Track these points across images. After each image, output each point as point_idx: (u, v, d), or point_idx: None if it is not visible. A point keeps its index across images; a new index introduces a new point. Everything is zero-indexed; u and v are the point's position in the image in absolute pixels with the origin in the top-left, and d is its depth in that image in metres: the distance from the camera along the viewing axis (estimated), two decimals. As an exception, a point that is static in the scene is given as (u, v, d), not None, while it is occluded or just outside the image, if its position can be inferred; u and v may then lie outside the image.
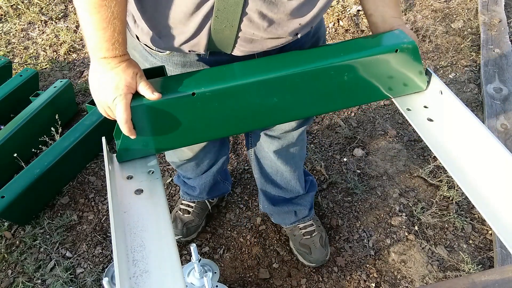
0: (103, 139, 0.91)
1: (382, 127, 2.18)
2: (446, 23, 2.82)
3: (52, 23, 2.91)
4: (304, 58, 0.94)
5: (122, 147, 0.89)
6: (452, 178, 1.83)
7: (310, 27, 0.95)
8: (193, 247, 1.18)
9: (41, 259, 1.67)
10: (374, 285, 1.59)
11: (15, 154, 1.84)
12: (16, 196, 1.67)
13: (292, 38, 0.94)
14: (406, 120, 1.33)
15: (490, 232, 1.73)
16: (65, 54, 2.67)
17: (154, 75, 0.91)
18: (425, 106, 1.02)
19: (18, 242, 1.73)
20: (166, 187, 1.95)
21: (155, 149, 0.92)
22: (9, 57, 2.65)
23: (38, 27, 2.89)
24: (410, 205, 1.83)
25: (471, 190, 0.82)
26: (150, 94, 0.82)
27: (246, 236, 1.75)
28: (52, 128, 1.97)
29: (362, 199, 1.86)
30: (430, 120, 0.98)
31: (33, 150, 1.98)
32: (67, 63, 2.61)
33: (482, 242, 1.70)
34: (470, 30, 2.75)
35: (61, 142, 1.88)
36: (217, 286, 1.34)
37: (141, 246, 0.75)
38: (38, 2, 3.05)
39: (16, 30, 2.86)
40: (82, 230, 1.77)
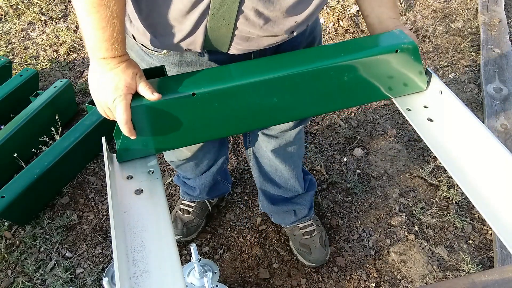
0: (103, 139, 0.91)
1: (382, 127, 2.18)
2: (446, 23, 2.82)
3: (52, 23, 2.91)
4: (304, 58, 0.94)
5: (122, 147, 0.89)
6: (452, 178, 1.83)
7: (306, 25, 0.96)
8: (193, 247, 1.18)
9: (41, 259, 1.67)
10: (374, 285, 1.59)
11: (15, 154, 1.84)
12: (16, 196, 1.67)
13: (288, 36, 0.94)
14: (406, 120, 1.33)
15: (490, 232, 1.73)
16: (65, 54, 2.67)
17: (154, 75, 0.91)
18: (425, 106, 1.02)
19: (18, 242, 1.73)
20: (166, 187, 1.95)
21: (155, 149, 0.92)
22: (9, 57, 2.65)
23: (38, 27, 2.89)
24: (410, 205, 1.83)
25: (471, 190, 0.82)
26: (150, 94, 0.82)
27: (246, 236, 1.75)
28: (52, 128, 1.97)
29: (362, 199, 1.86)
30: (430, 120, 0.98)
31: (33, 150, 1.98)
32: (67, 63, 2.61)
33: (482, 242, 1.70)
34: (470, 30, 2.75)
35: (61, 142, 1.88)
36: (217, 286, 1.34)
37: (141, 246, 0.75)
38: (38, 2, 3.05)
39: (16, 30, 2.86)
40: (82, 230, 1.77)
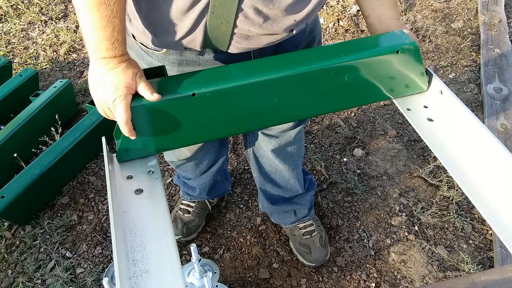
0: (103, 139, 0.91)
1: (382, 127, 2.18)
2: (446, 23, 2.82)
3: (52, 23, 2.91)
4: (304, 59, 0.94)
5: (122, 147, 0.89)
6: (452, 178, 1.83)
7: (305, 24, 0.96)
8: (193, 247, 1.18)
9: (41, 259, 1.67)
10: (374, 285, 1.59)
11: (15, 154, 1.84)
12: (16, 196, 1.67)
13: (287, 34, 0.94)
14: (406, 120, 1.33)
15: (490, 232, 1.73)
16: (65, 54, 2.67)
17: (154, 75, 0.91)
18: (425, 106, 1.02)
19: (18, 242, 1.73)
20: (166, 187, 1.95)
21: (155, 149, 0.92)
22: (9, 57, 2.65)
23: (38, 27, 2.89)
24: (410, 205, 1.83)
25: (471, 190, 0.82)
26: (149, 95, 0.82)
27: (246, 236, 1.75)
28: (52, 128, 1.97)
29: (362, 199, 1.86)
30: (430, 120, 0.98)
31: (33, 150, 1.98)
32: (67, 63, 2.61)
33: (482, 242, 1.70)
34: (470, 30, 2.75)
35: (61, 142, 1.88)
36: (217, 286, 1.34)
37: (141, 246, 0.75)
38: (38, 2, 3.05)
39: (16, 30, 2.86)
40: (82, 230, 1.77)
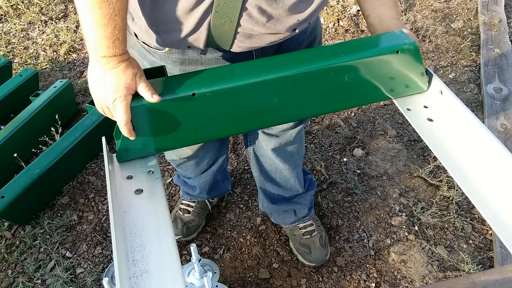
0: (103, 139, 0.91)
1: (382, 127, 2.18)
2: (446, 23, 2.82)
3: (52, 23, 2.91)
4: (304, 59, 0.94)
5: (122, 147, 0.89)
6: (452, 178, 1.83)
7: (308, 23, 0.96)
8: (193, 247, 1.18)
9: (41, 259, 1.67)
10: (374, 285, 1.59)
11: (15, 154, 1.84)
12: (16, 196, 1.67)
13: (290, 34, 0.94)
14: (406, 120, 1.33)
15: (490, 232, 1.73)
16: (65, 54, 2.67)
17: (154, 75, 0.91)
18: (425, 106, 1.02)
19: (18, 242, 1.73)
20: (166, 187, 1.95)
21: (155, 149, 0.92)
22: (9, 57, 2.65)
23: (38, 27, 2.89)
24: (410, 205, 1.83)
25: (471, 190, 0.82)
26: (149, 96, 0.82)
27: (246, 236, 1.75)
28: (52, 128, 1.97)
29: (362, 199, 1.86)
30: (430, 120, 0.98)
31: (33, 150, 1.98)
32: (67, 63, 2.61)
33: (482, 242, 1.70)
34: (470, 30, 2.76)
35: (61, 142, 1.88)
36: (217, 286, 1.34)
37: (141, 246, 0.75)
38: (38, 2, 3.05)
39: (16, 30, 2.86)
40: (82, 230, 1.77)
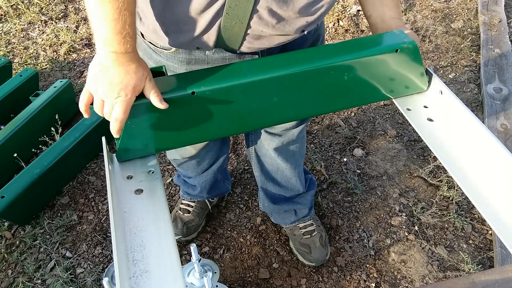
0: (103, 139, 0.91)
1: (382, 127, 2.18)
2: (446, 23, 2.82)
3: (52, 23, 2.91)
4: (304, 58, 0.94)
5: (122, 147, 0.89)
6: (452, 178, 1.83)
7: (316, 25, 0.97)
8: (193, 247, 1.18)
9: (41, 259, 1.67)
10: (374, 285, 1.59)
11: (15, 154, 1.84)
12: (16, 196, 1.67)
13: (298, 35, 0.95)
14: (406, 120, 1.33)
15: (490, 232, 1.73)
16: (65, 54, 2.67)
17: (154, 76, 0.91)
18: (425, 106, 1.02)
19: (18, 242, 1.73)
20: (166, 187, 1.95)
21: (155, 148, 0.92)
22: (9, 57, 2.65)
23: (38, 27, 2.89)
24: (410, 205, 1.83)
25: (471, 190, 0.82)
26: (158, 102, 0.80)
27: (246, 236, 1.75)
28: (52, 128, 1.97)
29: (362, 199, 1.86)
30: (430, 120, 0.98)
31: (33, 150, 1.98)
32: (67, 63, 2.61)
33: (482, 242, 1.70)
34: (470, 30, 2.76)
35: (61, 142, 1.88)
36: (217, 286, 1.34)
37: (141, 246, 0.74)
38: (38, 2, 3.05)
39: (16, 30, 2.86)
40: (82, 230, 1.77)
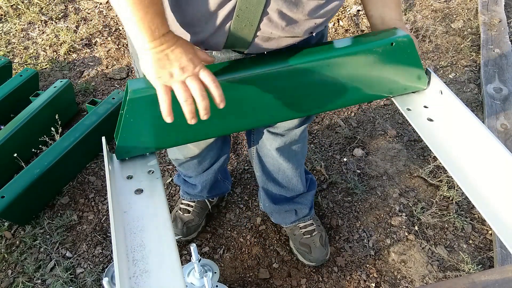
0: (103, 139, 0.91)
1: (382, 127, 2.18)
2: (446, 23, 2.82)
3: (52, 23, 2.91)
4: (299, 54, 0.95)
5: (121, 144, 0.89)
6: (452, 178, 1.83)
7: (324, 26, 0.97)
8: (193, 247, 1.18)
9: (41, 259, 1.67)
10: (374, 285, 1.59)
11: (15, 154, 1.84)
12: (16, 196, 1.67)
13: (306, 36, 0.95)
14: (406, 120, 1.33)
15: (490, 232, 1.73)
16: (65, 54, 2.67)
17: None
18: (425, 106, 1.02)
19: (18, 242, 1.73)
20: (166, 187, 1.95)
21: (156, 146, 0.92)
22: (9, 57, 2.65)
23: (38, 27, 2.89)
24: (410, 205, 1.83)
25: (471, 190, 0.82)
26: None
27: (246, 236, 1.75)
28: (52, 128, 1.97)
29: (362, 199, 1.86)
30: (430, 120, 0.98)
31: (33, 150, 1.98)
32: (67, 63, 2.61)
33: (482, 242, 1.70)
34: (470, 30, 2.76)
35: (61, 142, 1.88)
36: (217, 286, 1.34)
37: (141, 246, 0.75)
38: (38, 2, 3.05)
39: (16, 30, 2.86)
40: (82, 230, 1.77)
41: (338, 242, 1.72)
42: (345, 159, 2.03)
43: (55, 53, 2.69)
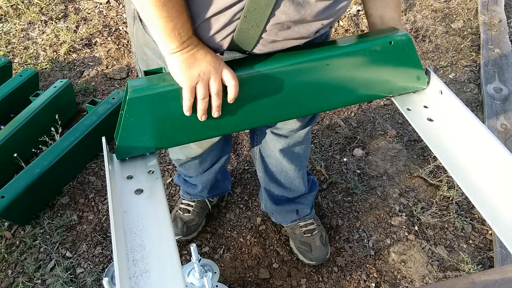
0: (103, 139, 0.91)
1: (382, 127, 2.18)
2: (446, 23, 2.82)
3: (52, 23, 2.91)
4: (301, 53, 0.95)
5: (121, 144, 0.89)
6: (452, 178, 1.83)
7: (329, 27, 0.98)
8: (193, 247, 1.18)
9: (41, 259, 1.67)
10: (374, 285, 1.59)
11: (15, 154, 1.84)
12: (16, 196, 1.67)
13: (312, 37, 0.95)
14: (406, 120, 1.33)
15: (490, 232, 1.73)
16: (65, 54, 2.67)
17: None
18: (425, 106, 1.02)
19: (18, 242, 1.73)
20: (166, 187, 1.95)
21: (155, 147, 0.92)
22: (9, 57, 2.65)
23: (38, 27, 2.89)
24: (410, 205, 1.83)
25: (471, 190, 0.82)
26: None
27: (246, 236, 1.75)
28: (52, 128, 1.97)
29: (362, 199, 1.86)
30: (430, 120, 0.98)
31: (33, 150, 1.98)
32: (67, 63, 2.61)
33: (482, 242, 1.70)
34: (470, 30, 2.76)
35: (61, 142, 1.88)
36: (217, 286, 1.34)
37: (141, 246, 0.75)
38: (38, 2, 3.05)
39: (16, 30, 2.86)
40: (82, 230, 1.77)
41: (338, 242, 1.72)
42: (345, 159, 2.03)
43: (55, 53, 2.69)
